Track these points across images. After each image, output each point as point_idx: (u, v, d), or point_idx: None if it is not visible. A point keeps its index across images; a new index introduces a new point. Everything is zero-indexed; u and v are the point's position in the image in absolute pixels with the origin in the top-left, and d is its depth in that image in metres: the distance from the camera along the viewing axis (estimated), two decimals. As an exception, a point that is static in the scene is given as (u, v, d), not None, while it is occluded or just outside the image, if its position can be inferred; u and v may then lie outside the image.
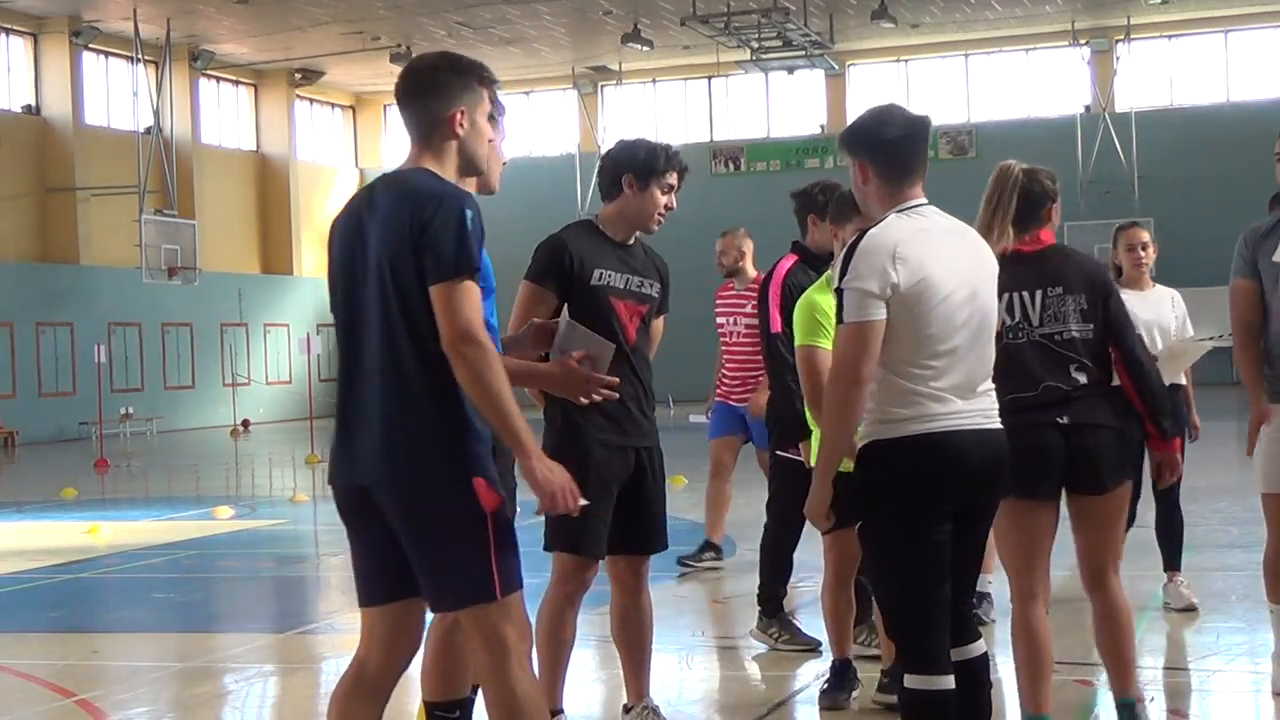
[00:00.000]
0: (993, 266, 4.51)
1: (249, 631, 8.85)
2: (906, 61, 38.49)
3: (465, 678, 4.83)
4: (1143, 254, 8.11)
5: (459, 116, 4.13)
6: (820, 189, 6.81)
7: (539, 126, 40.02)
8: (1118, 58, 36.42)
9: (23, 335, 30.64)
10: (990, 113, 37.60)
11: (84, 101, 33.15)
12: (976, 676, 4.46)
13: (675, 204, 5.57)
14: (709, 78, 39.08)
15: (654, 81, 40.02)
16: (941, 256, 4.31)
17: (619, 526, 5.49)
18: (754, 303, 9.61)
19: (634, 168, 5.50)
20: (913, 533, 4.31)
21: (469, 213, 3.94)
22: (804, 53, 33.70)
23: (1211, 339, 7.72)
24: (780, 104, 39.10)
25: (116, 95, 34.02)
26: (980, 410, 4.35)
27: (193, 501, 17.39)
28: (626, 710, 5.80)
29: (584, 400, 4.79)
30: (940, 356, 4.28)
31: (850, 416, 4.28)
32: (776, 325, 6.67)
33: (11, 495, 19.07)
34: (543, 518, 5.32)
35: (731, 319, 9.93)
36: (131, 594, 10.64)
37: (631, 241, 5.59)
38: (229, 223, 36.77)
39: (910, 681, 4.31)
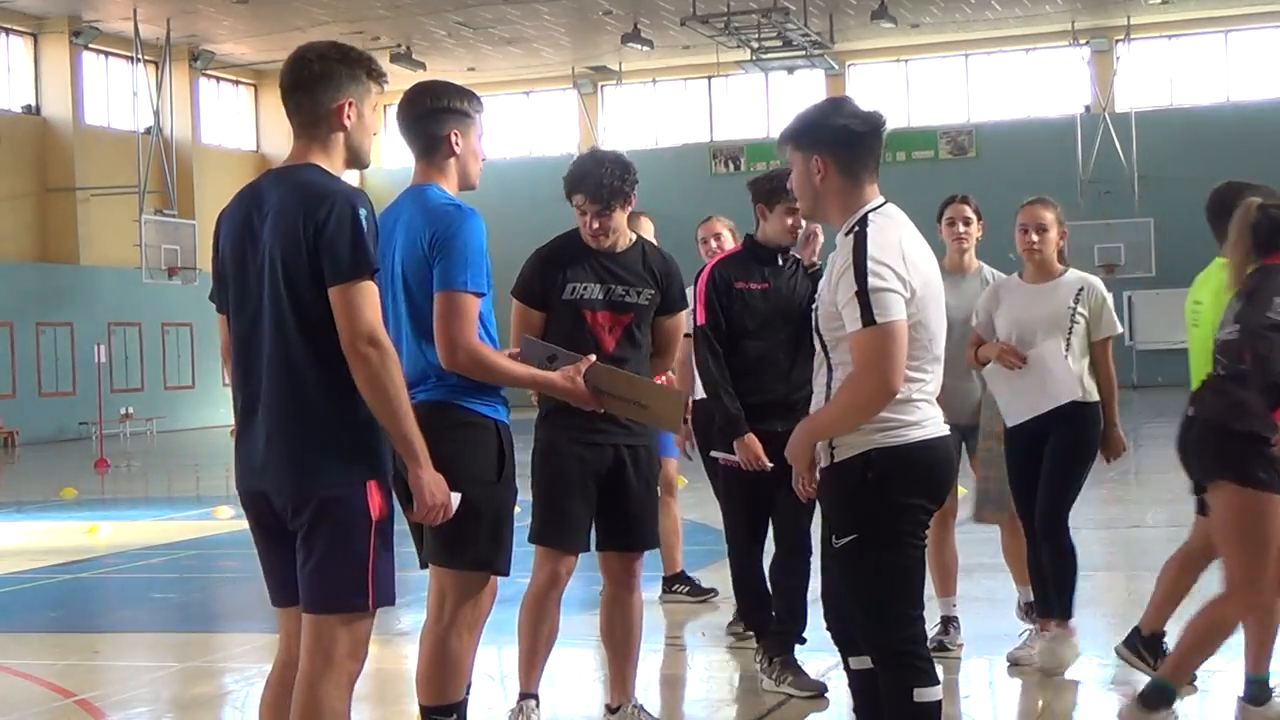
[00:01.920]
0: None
1: (249, 631, 8.84)
2: (906, 61, 38.46)
3: (461, 682, 4.84)
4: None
5: (346, 108, 4.05)
6: (769, 179, 6.54)
7: (539, 126, 39.99)
8: (1118, 58, 36.40)
9: (23, 335, 30.64)
10: (990, 113, 37.52)
11: (84, 101, 33.16)
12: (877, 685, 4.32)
13: (602, 225, 5.43)
14: (709, 78, 39.06)
15: (654, 81, 40.01)
16: (928, 259, 4.23)
17: (605, 523, 5.52)
18: None
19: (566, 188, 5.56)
20: (917, 542, 4.22)
21: (363, 211, 3.90)
22: (804, 53, 33.70)
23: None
24: (780, 104, 39.04)
25: (116, 95, 34.01)
26: (940, 416, 4.29)
27: (193, 501, 17.38)
28: (611, 710, 5.76)
29: (589, 407, 4.90)
30: (936, 360, 4.22)
31: (864, 421, 4.11)
32: (700, 318, 6.42)
33: (11, 495, 19.08)
34: (529, 513, 5.41)
35: None
36: (131, 594, 10.64)
37: (621, 248, 5.54)
38: (229, 223, 36.78)
39: (922, 695, 4.16)
